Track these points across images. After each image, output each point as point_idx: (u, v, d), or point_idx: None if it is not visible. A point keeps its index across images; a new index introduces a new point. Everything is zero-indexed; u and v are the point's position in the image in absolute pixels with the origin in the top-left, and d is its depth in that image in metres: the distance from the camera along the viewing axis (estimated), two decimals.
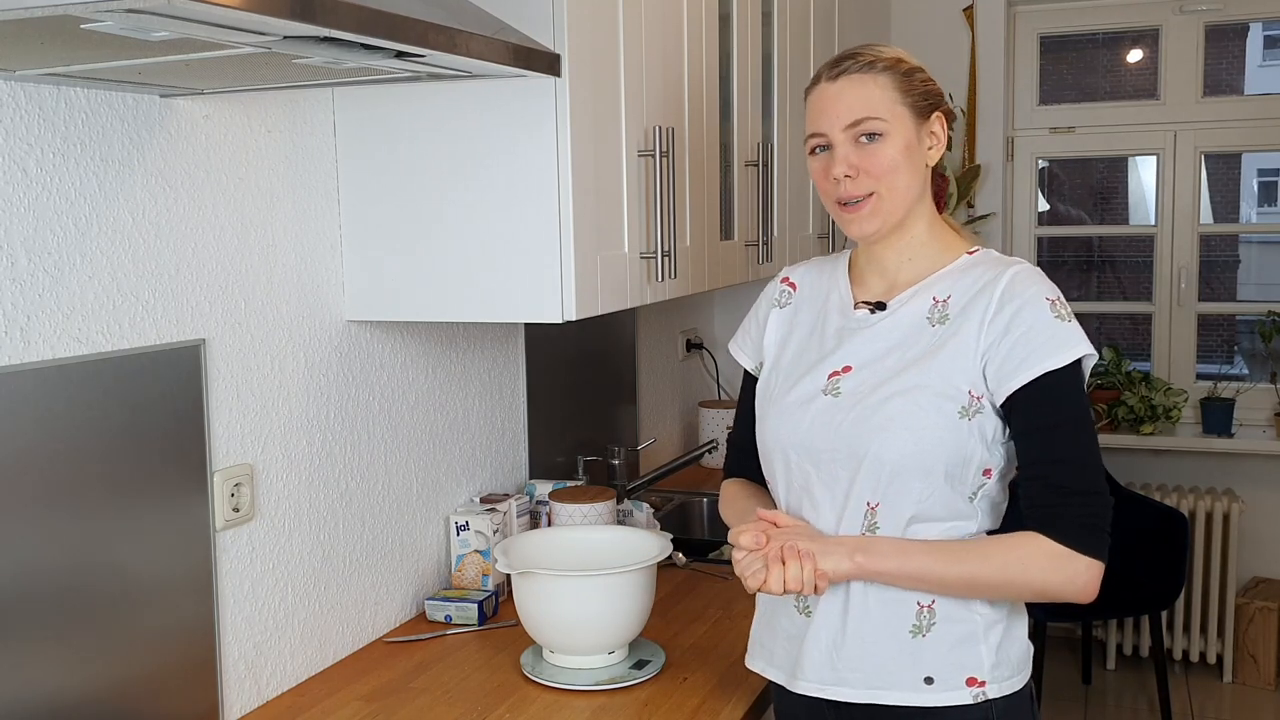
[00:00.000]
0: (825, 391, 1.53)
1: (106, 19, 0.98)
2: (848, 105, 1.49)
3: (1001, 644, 1.49)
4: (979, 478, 1.47)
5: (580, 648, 1.82)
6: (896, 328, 1.52)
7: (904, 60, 1.52)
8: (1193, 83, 4.07)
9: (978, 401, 1.45)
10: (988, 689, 1.47)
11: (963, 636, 1.47)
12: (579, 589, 1.79)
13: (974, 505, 1.48)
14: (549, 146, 1.78)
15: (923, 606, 1.47)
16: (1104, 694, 3.99)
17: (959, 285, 1.51)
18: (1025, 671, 1.52)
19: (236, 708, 1.74)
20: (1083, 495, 1.42)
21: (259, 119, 1.76)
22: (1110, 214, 4.62)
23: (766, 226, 2.65)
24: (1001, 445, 1.48)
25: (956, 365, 1.45)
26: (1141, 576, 3.55)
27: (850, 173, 1.49)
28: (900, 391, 1.46)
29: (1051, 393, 1.42)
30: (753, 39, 2.60)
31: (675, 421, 3.45)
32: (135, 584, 1.54)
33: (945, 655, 1.47)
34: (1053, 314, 1.44)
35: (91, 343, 1.48)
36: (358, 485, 2.00)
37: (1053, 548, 1.40)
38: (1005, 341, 1.44)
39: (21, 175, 1.38)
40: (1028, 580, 1.42)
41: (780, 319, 1.67)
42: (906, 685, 1.48)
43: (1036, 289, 1.46)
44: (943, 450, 1.44)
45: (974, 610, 1.48)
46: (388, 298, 1.92)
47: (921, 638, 1.47)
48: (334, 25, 1.10)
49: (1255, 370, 4.26)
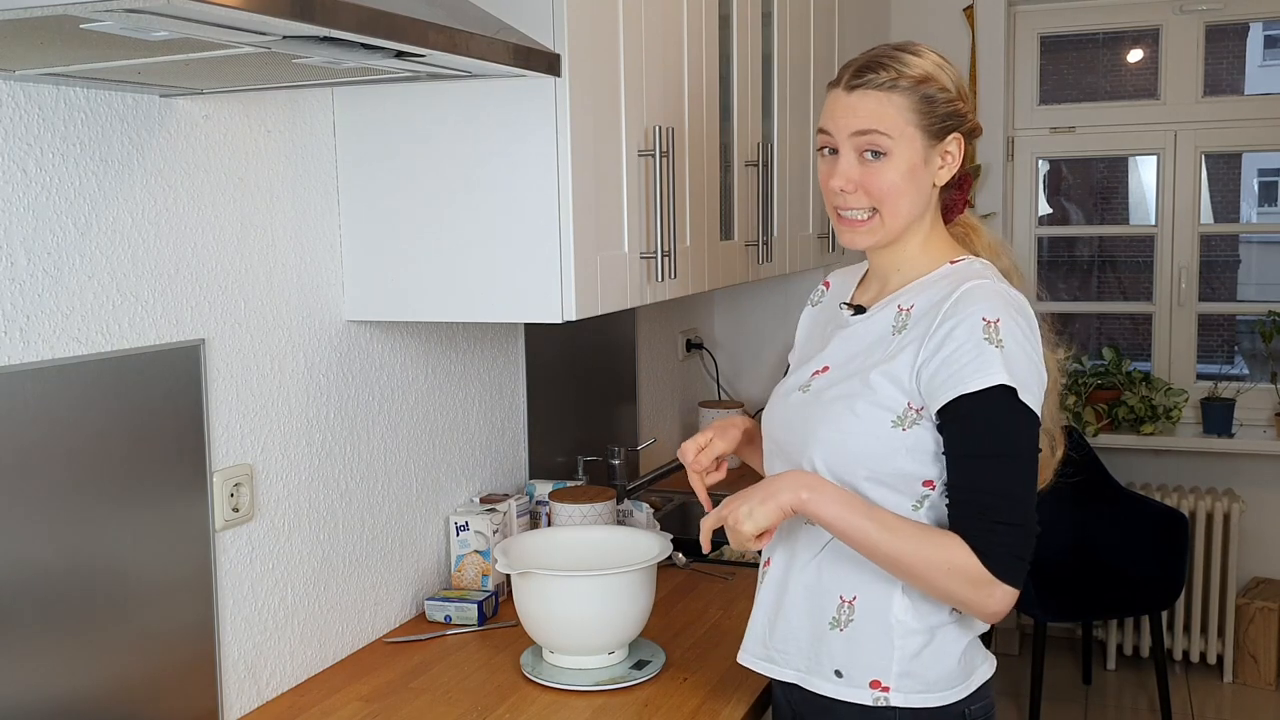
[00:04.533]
0: (802, 388, 1.58)
1: (106, 19, 0.98)
2: (858, 118, 1.48)
3: (919, 656, 1.47)
4: (919, 488, 1.46)
5: (580, 648, 1.82)
6: (868, 333, 1.54)
7: (931, 79, 1.48)
8: (1193, 83, 4.07)
9: (916, 413, 1.44)
10: (891, 696, 1.47)
11: (876, 638, 1.48)
12: (579, 589, 1.79)
13: (920, 514, 1.47)
14: (549, 146, 1.78)
15: (844, 601, 1.50)
16: (1104, 694, 3.99)
17: (923, 296, 1.50)
18: (951, 691, 1.48)
19: (236, 708, 1.74)
20: (1008, 525, 1.40)
21: (259, 119, 1.75)
22: (1110, 214, 4.62)
23: (766, 226, 2.65)
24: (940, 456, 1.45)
25: (895, 375, 1.45)
26: (1141, 576, 3.55)
27: (849, 187, 1.49)
28: (843, 395, 1.49)
29: (976, 419, 1.40)
30: (753, 39, 2.60)
31: (675, 421, 3.45)
32: (135, 584, 1.54)
33: (855, 653, 1.49)
34: (982, 335, 1.40)
35: (91, 343, 1.48)
36: (358, 485, 2.00)
37: (977, 569, 1.38)
38: (935, 359, 1.42)
39: (21, 175, 1.38)
40: (946, 586, 1.41)
41: (809, 316, 1.75)
42: (820, 674, 1.52)
43: (977, 308, 1.42)
44: (866, 457, 1.45)
45: (893, 615, 1.48)
46: (387, 298, 1.92)
47: (838, 631, 1.50)
48: (334, 25, 1.10)
49: (1255, 370, 4.26)
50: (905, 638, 1.48)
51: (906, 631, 1.48)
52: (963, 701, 1.50)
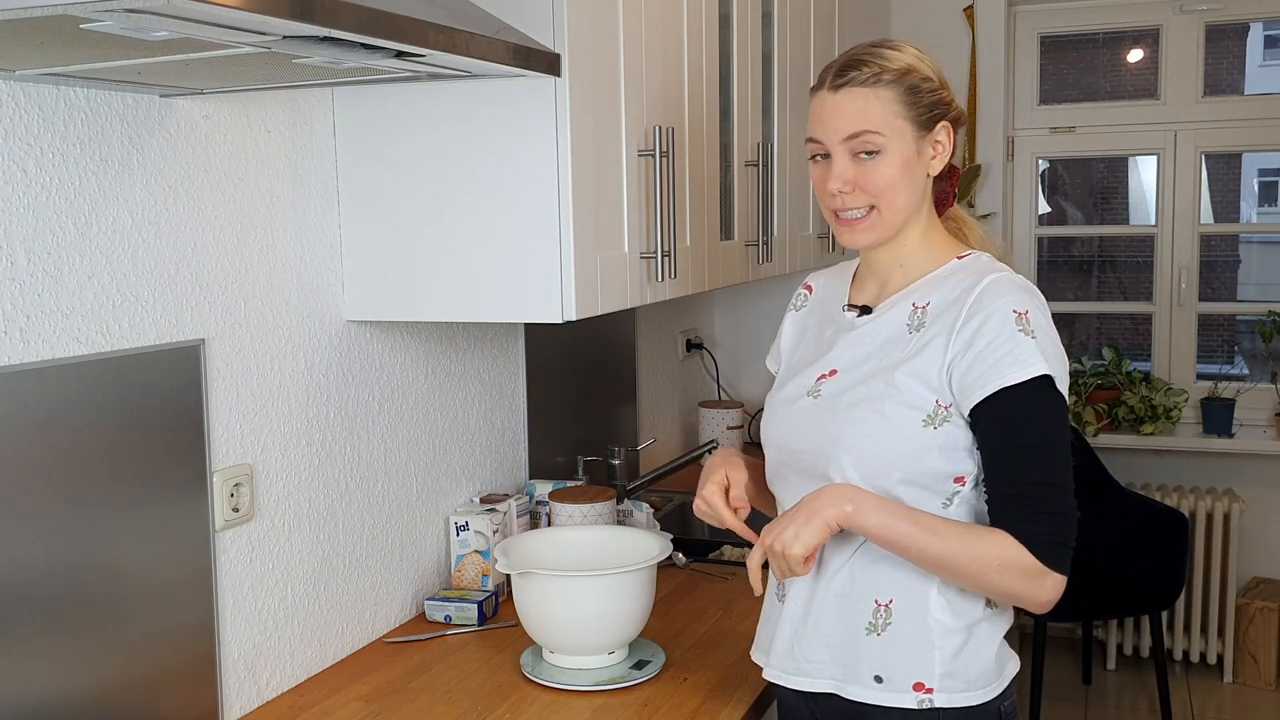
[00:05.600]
0: (809, 394, 1.55)
1: (106, 19, 0.98)
2: (847, 119, 1.47)
3: (959, 654, 1.47)
4: (950, 485, 1.46)
5: (580, 648, 1.82)
6: (879, 333, 1.52)
7: (914, 70, 1.48)
8: (1193, 83, 4.07)
9: (945, 410, 1.44)
10: (935, 697, 1.46)
11: (916, 640, 1.47)
12: (579, 589, 1.79)
13: (950, 510, 1.46)
14: (549, 146, 1.78)
15: (880, 605, 1.48)
16: (1104, 694, 3.99)
17: (938, 292, 1.50)
18: (989, 688, 1.49)
19: (236, 708, 1.74)
20: (1054, 514, 1.41)
21: (259, 119, 1.75)
22: (1110, 214, 4.62)
23: (766, 226, 2.65)
24: (972, 452, 1.46)
25: (923, 373, 1.44)
26: (1141, 576, 3.55)
27: (845, 188, 1.48)
28: (867, 398, 1.47)
29: (1015, 412, 1.40)
30: (753, 39, 2.60)
31: (675, 421, 3.45)
32: (135, 584, 1.54)
33: (896, 656, 1.47)
34: (1016, 328, 1.41)
35: (91, 343, 1.48)
36: (358, 485, 2.00)
37: (1028, 560, 1.39)
38: (968, 355, 1.42)
39: (21, 175, 1.38)
40: (998, 581, 1.41)
41: (794, 322, 1.71)
42: (858, 680, 1.49)
43: (1005, 300, 1.43)
44: (900, 459, 1.44)
45: (931, 615, 1.47)
46: (387, 298, 1.92)
47: (876, 636, 1.48)
48: (334, 25, 1.10)
49: (1255, 370, 4.26)
50: (944, 637, 1.47)
51: (945, 631, 1.47)
52: (998, 699, 1.50)
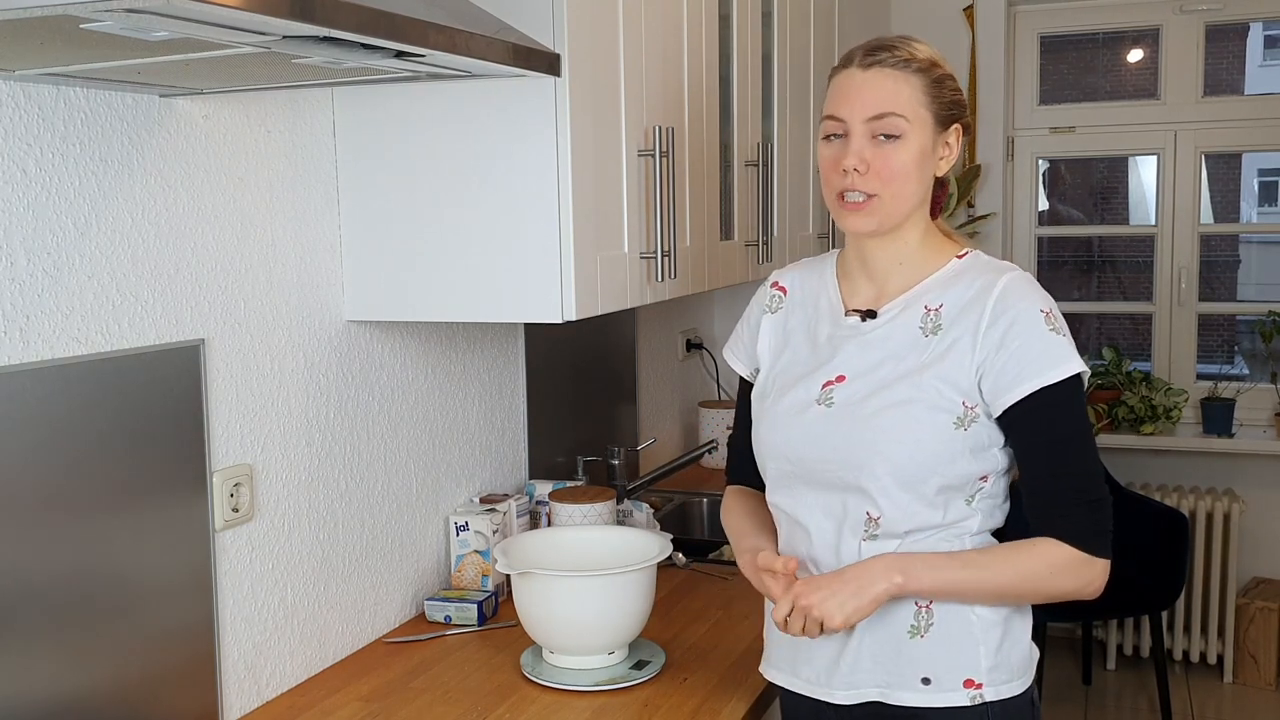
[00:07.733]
0: (819, 401, 1.52)
1: (106, 19, 0.98)
2: (875, 97, 1.45)
3: (1001, 647, 1.49)
4: (976, 483, 1.47)
5: (580, 648, 1.82)
6: (890, 337, 1.50)
7: (938, 65, 1.49)
8: (1193, 82, 4.07)
9: (972, 411, 1.44)
10: (985, 691, 1.47)
11: (960, 638, 1.47)
12: (579, 589, 1.79)
13: (973, 507, 1.48)
14: (549, 146, 1.77)
15: (920, 607, 1.47)
16: (1104, 694, 3.99)
17: (950, 293, 1.49)
18: (1026, 676, 1.51)
19: (236, 708, 1.74)
20: (1096, 501, 1.44)
21: (259, 119, 1.75)
22: (1110, 214, 4.62)
23: (766, 226, 2.65)
24: (998, 451, 1.48)
25: (950, 376, 1.44)
26: (1141, 576, 3.55)
27: (860, 167, 1.45)
28: (895, 404, 1.45)
29: (1051, 408, 1.43)
30: (753, 39, 2.60)
31: (675, 421, 3.45)
32: (135, 584, 1.54)
33: (942, 656, 1.47)
34: (1047, 327, 1.43)
35: (91, 343, 1.48)
36: (357, 485, 2.00)
37: (1073, 554, 1.42)
38: (1000, 355, 1.43)
39: (21, 175, 1.38)
40: (1055, 586, 1.44)
41: (773, 325, 1.64)
42: (905, 685, 1.48)
43: (1030, 301, 1.45)
44: (938, 463, 1.44)
45: (972, 612, 1.47)
46: (387, 297, 1.92)
47: (919, 638, 1.47)
48: (334, 25, 1.10)
49: (1255, 370, 4.26)
50: (987, 631, 1.48)
51: (987, 625, 1.48)
52: (1030, 687, 1.53)
